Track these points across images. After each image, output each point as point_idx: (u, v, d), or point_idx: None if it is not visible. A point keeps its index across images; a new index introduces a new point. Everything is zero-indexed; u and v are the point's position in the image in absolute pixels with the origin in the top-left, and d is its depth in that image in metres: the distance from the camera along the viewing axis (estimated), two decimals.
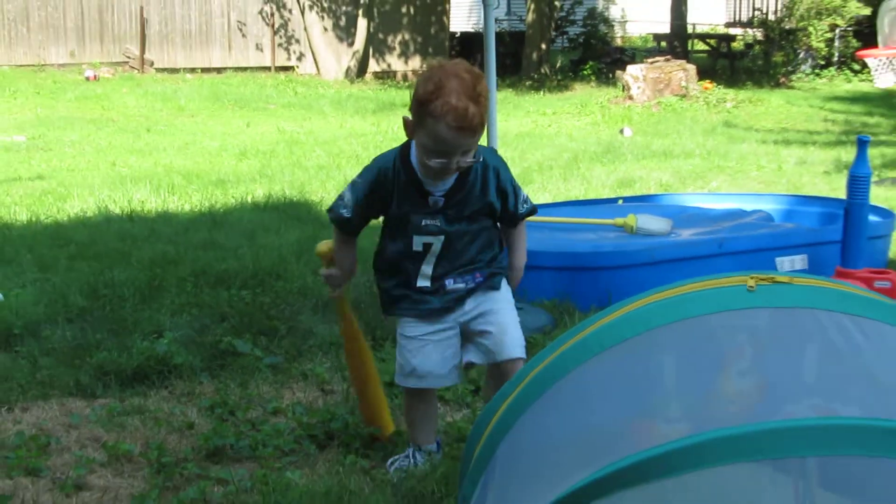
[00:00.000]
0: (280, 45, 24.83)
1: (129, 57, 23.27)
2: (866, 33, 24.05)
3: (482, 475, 2.25)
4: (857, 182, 6.36)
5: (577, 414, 2.29)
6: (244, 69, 24.15)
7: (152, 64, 23.41)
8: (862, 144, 6.53)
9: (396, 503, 3.88)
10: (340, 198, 4.11)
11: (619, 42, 32.03)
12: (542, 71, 24.84)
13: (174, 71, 23.31)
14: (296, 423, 4.71)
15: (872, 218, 6.98)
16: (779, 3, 28.16)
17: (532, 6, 25.32)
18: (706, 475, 2.05)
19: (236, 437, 4.54)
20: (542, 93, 21.74)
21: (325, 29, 24.27)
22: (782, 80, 24.23)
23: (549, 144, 13.96)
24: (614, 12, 33.33)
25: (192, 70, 23.58)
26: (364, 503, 3.84)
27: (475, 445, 2.31)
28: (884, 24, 11.30)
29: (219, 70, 23.87)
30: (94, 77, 21.17)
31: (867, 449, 2.01)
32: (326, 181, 11.11)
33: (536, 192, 10.49)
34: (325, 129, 15.82)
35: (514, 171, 11.87)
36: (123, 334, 5.84)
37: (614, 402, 2.31)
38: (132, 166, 11.94)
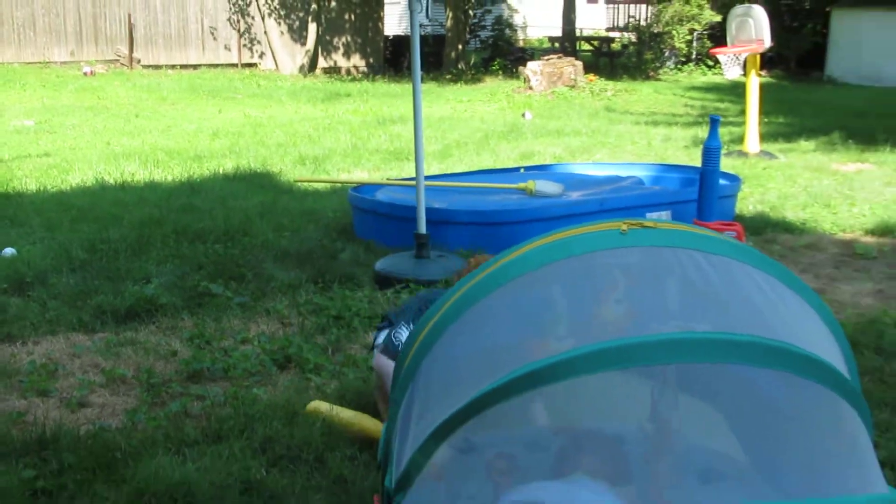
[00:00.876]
0: (245, 45, 24.44)
1: (119, 56, 22.79)
2: (718, 35, 24.14)
3: (409, 384, 2.25)
4: (710, 153, 6.43)
5: (485, 335, 2.29)
6: (216, 66, 23.78)
7: (139, 62, 22.95)
8: (714, 122, 6.61)
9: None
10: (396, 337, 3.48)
11: (521, 43, 31.90)
12: (459, 67, 24.73)
13: (157, 67, 22.90)
14: (260, 350, 4.71)
15: (722, 181, 7.08)
16: (649, 11, 28.25)
17: (450, 14, 25.18)
18: (586, 382, 2.07)
19: (212, 361, 4.52)
20: (459, 84, 21.67)
21: (282, 32, 23.94)
22: (651, 73, 24.38)
23: (465, 126, 13.94)
24: (517, 19, 33.20)
25: (173, 66, 23.16)
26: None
27: (404, 360, 2.31)
28: (731, 28, 11.35)
29: (195, 66, 23.47)
30: (91, 73, 20.70)
31: (717, 357, 2.03)
32: (284, 156, 11.01)
33: (455, 163, 10.49)
34: (283, 114, 15.65)
35: (437, 147, 11.90)
36: (117, 281, 5.79)
37: (514, 324, 2.31)
38: (124, 145, 11.73)
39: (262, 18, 23.46)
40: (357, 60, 25.47)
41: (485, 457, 2.55)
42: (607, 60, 25.97)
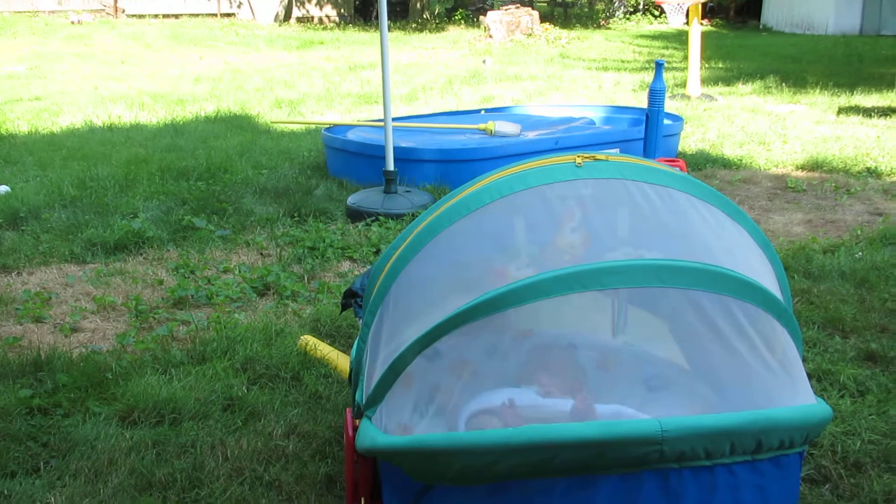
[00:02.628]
0: None
1: (105, 5, 22.27)
2: None
3: (379, 308, 2.22)
4: (655, 95, 6.39)
5: (450, 262, 2.26)
6: (197, 15, 23.31)
7: (124, 11, 22.44)
8: (659, 67, 6.55)
9: (316, 334, 3.86)
10: None
11: None
12: (424, 16, 24.41)
13: (141, 17, 22.40)
14: (241, 279, 4.66)
15: (666, 122, 7.04)
16: None
17: None
18: (548, 304, 2.04)
19: (196, 289, 4.47)
20: (424, 33, 21.38)
21: None
22: (602, 22, 24.18)
23: (430, 71, 13.77)
24: None
25: (156, 16, 22.67)
26: (292, 334, 3.81)
27: (373, 285, 2.27)
28: None
29: (176, 16, 22.98)
30: (78, 21, 20.21)
31: (664, 282, 2.01)
32: (262, 100, 10.85)
33: (421, 105, 10.38)
34: (260, 60, 15.38)
35: (404, 91, 11.74)
36: (107, 215, 5.70)
37: (476, 252, 2.28)
38: (111, 90, 11.50)
39: None
40: (329, 10, 25.03)
41: (450, 365, 2.53)
42: (561, 10, 25.70)
